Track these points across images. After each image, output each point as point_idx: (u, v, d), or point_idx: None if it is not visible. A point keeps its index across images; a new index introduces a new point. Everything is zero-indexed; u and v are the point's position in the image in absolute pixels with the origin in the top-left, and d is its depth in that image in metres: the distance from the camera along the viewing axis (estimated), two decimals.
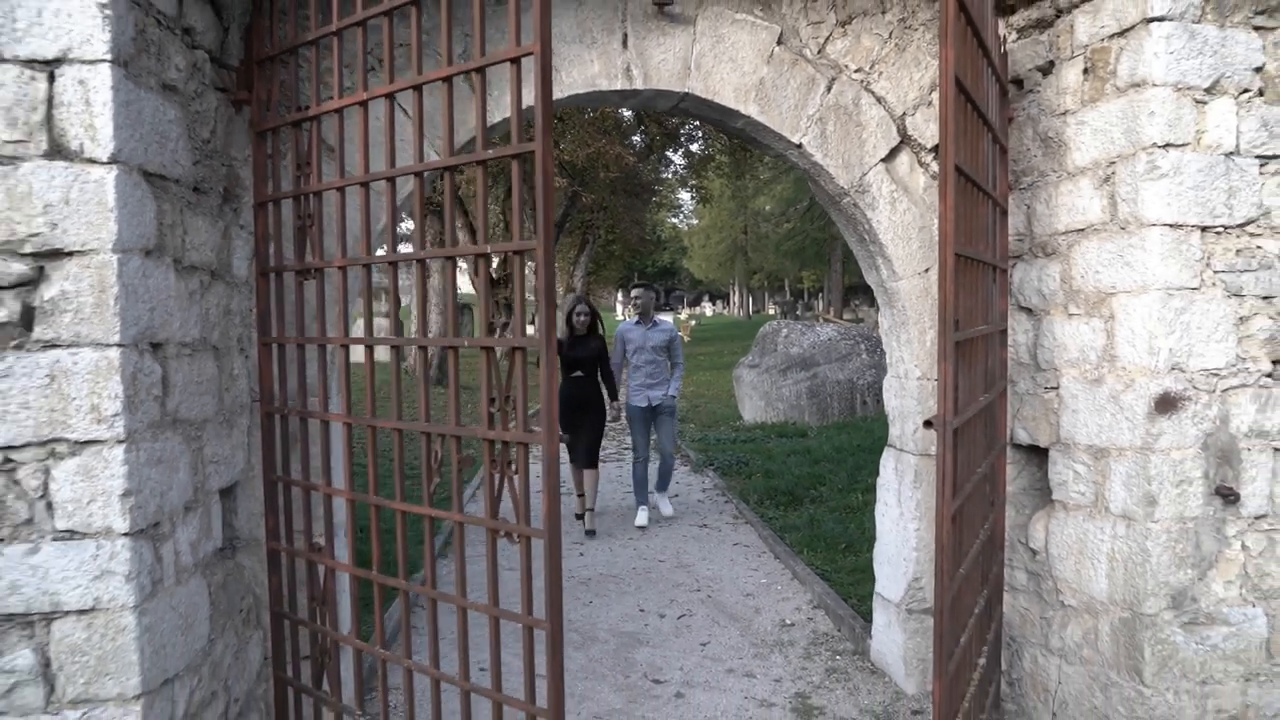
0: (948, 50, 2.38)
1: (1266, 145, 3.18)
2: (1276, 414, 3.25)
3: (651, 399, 7.20)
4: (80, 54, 2.34)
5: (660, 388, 7.22)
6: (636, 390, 7.22)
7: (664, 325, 7.36)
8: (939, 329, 2.56)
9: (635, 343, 7.24)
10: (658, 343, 7.24)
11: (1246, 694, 3.25)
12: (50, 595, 2.38)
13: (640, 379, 7.20)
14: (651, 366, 7.20)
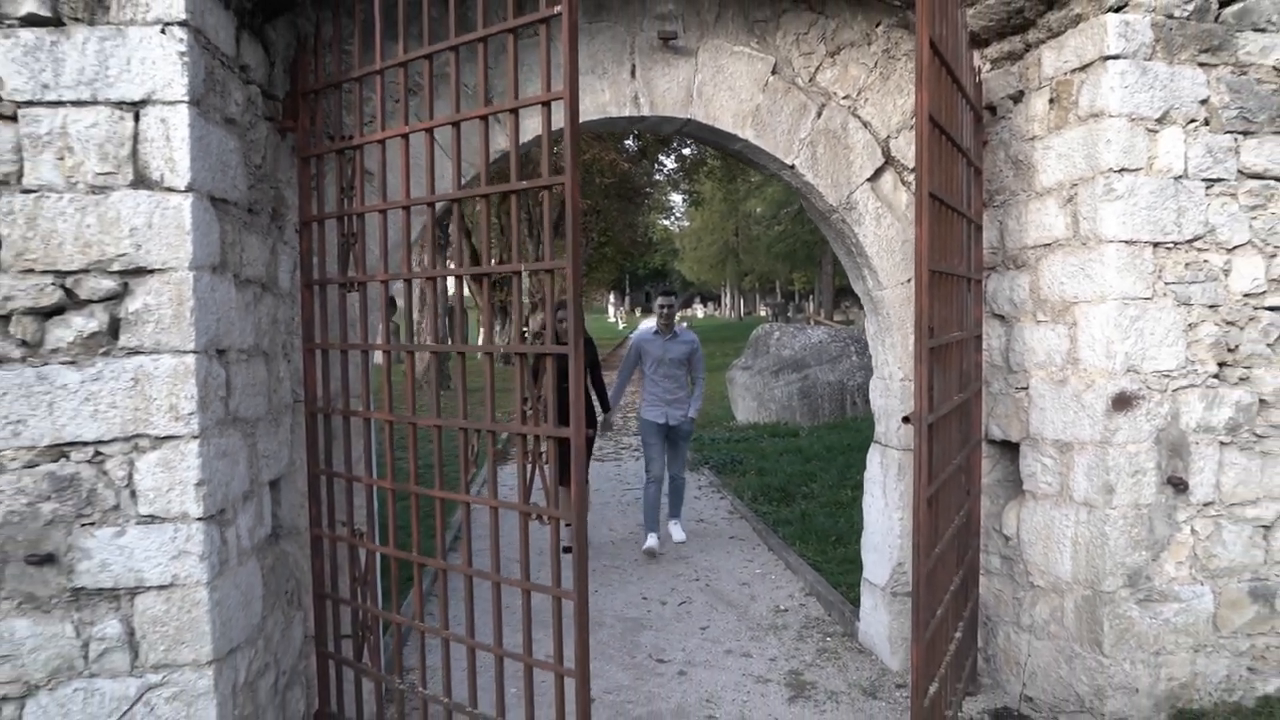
0: (923, 93, 2.73)
1: (1211, 170, 3.54)
2: (1222, 411, 3.60)
3: (670, 417, 6.49)
4: (162, 96, 2.66)
5: (679, 406, 6.51)
6: (652, 404, 6.52)
7: (685, 336, 6.66)
8: (915, 335, 2.90)
9: (653, 355, 6.49)
10: (678, 355, 6.53)
11: (1195, 664, 3.61)
12: (135, 572, 2.69)
13: (658, 392, 6.51)
14: (670, 382, 6.48)
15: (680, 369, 6.53)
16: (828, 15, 4.11)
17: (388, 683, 3.18)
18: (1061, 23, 3.63)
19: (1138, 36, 3.43)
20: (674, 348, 6.53)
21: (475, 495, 2.83)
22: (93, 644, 2.68)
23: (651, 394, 6.54)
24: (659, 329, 6.58)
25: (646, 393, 6.59)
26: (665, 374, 6.49)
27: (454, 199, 2.87)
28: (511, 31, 2.68)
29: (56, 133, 2.61)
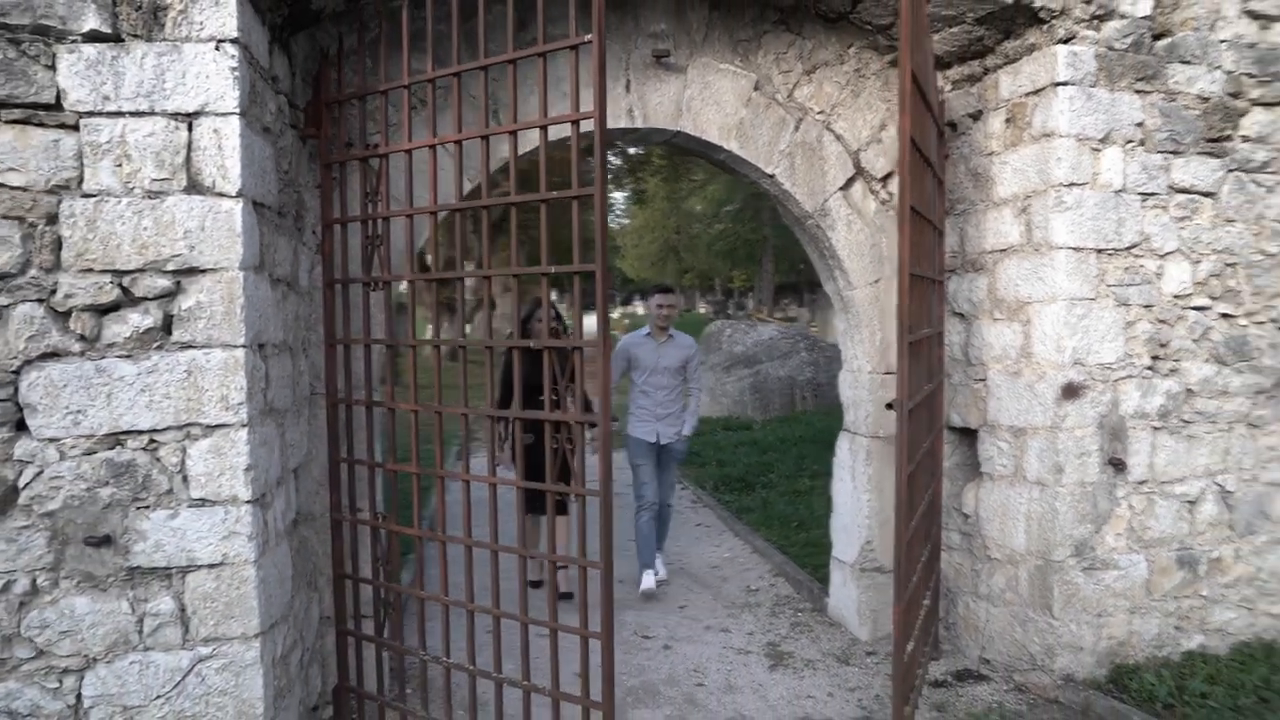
0: (906, 118, 3.07)
1: (1146, 185, 3.98)
2: (1154, 399, 4.05)
3: (661, 435, 5.59)
4: (215, 108, 2.85)
5: (672, 422, 5.61)
6: (642, 420, 5.61)
7: (682, 340, 5.73)
8: (898, 332, 3.25)
9: (645, 362, 5.57)
10: (674, 363, 5.62)
11: (1131, 624, 4.05)
12: (187, 552, 2.88)
13: (648, 405, 5.60)
14: (664, 393, 5.58)
15: (676, 378, 5.65)
16: (805, 37, 4.44)
17: (416, 654, 3.41)
18: (1017, 50, 4.03)
19: (1084, 65, 3.85)
20: (669, 353, 5.63)
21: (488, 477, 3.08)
22: (147, 619, 2.87)
23: (641, 407, 5.64)
24: (652, 331, 5.66)
25: (635, 405, 5.67)
26: (658, 384, 5.59)
27: (483, 206, 3.12)
28: (541, 55, 2.95)
29: (116, 141, 2.79)
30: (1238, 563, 4.25)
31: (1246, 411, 4.23)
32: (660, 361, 5.60)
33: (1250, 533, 4.27)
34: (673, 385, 5.65)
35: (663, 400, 5.61)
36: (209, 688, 2.92)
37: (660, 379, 5.60)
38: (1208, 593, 4.19)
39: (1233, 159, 4.12)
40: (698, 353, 5.84)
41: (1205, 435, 4.15)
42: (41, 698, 2.80)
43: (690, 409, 5.77)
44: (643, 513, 5.61)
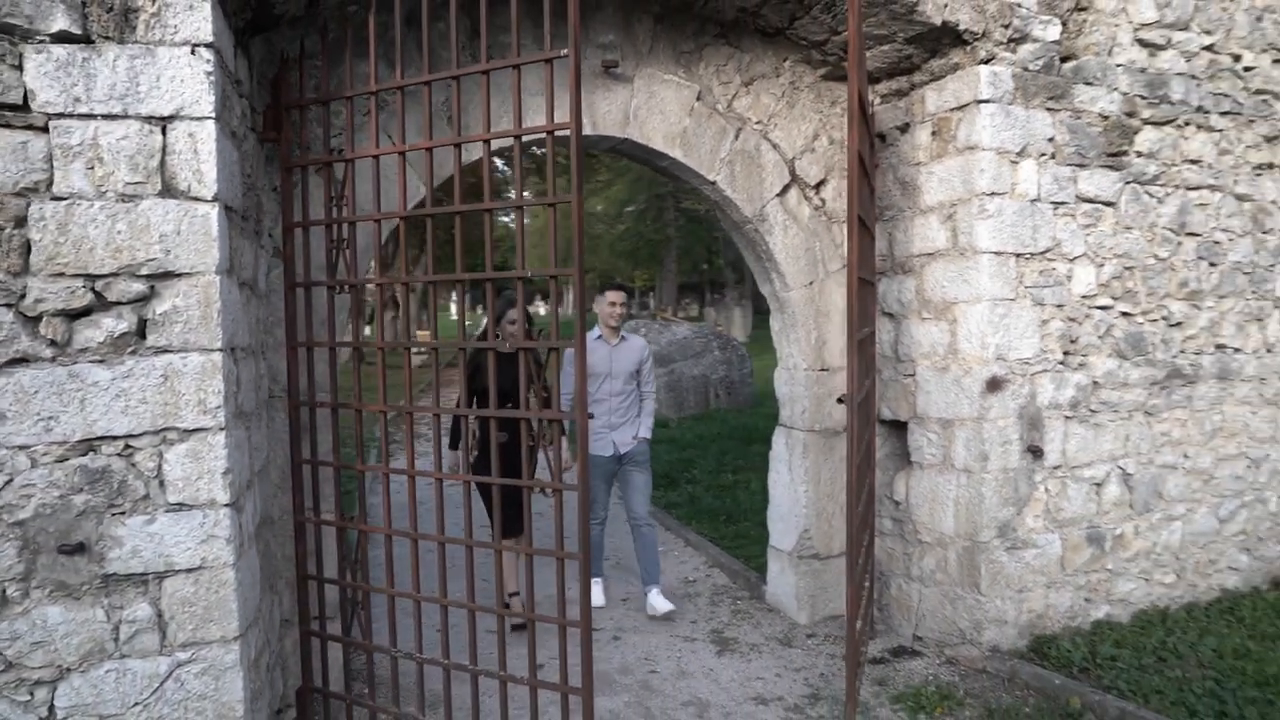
0: (854, 135, 3.31)
1: (1057, 195, 4.35)
2: (1066, 391, 4.42)
3: (618, 445, 5.19)
4: (191, 112, 2.85)
5: (627, 429, 5.23)
6: (596, 433, 5.18)
7: (634, 341, 5.37)
8: (848, 332, 3.48)
9: (598, 368, 5.11)
10: (629, 367, 5.23)
11: (1048, 597, 4.41)
12: (164, 557, 2.87)
13: (602, 415, 5.18)
14: (619, 399, 5.19)
15: (630, 383, 5.25)
16: (743, 50, 4.66)
17: (388, 651, 3.46)
18: (942, 69, 4.34)
19: (1003, 85, 4.18)
20: (623, 356, 5.24)
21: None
22: (123, 626, 2.84)
23: (595, 419, 5.16)
24: (603, 333, 5.22)
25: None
26: (612, 390, 5.18)
27: (456, 212, 3.20)
28: (516, 67, 3.05)
29: (88, 144, 2.76)
30: (1137, 538, 4.67)
31: (1143, 401, 4.65)
32: (615, 366, 5.20)
33: (1147, 511, 4.70)
34: (627, 391, 5.26)
35: (618, 407, 5.21)
36: (188, 692, 2.91)
37: (615, 385, 5.19)
38: (1112, 566, 4.60)
39: (1129, 172, 4.54)
40: (650, 354, 5.46)
41: (1109, 423, 4.55)
42: (10, 711, 2.75)
43: (645, 411, 5.35)
44: (593, 524, 5.30)
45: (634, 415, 5.29)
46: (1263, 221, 5.02)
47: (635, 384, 5.30)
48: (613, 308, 5.24)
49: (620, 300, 5.28)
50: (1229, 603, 4.83)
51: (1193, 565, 4.88)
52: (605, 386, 5.19)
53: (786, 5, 4.30)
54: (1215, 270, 4.85)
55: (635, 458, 5.28)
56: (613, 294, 5.31)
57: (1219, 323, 4.88)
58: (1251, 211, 4.97)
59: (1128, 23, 4.51)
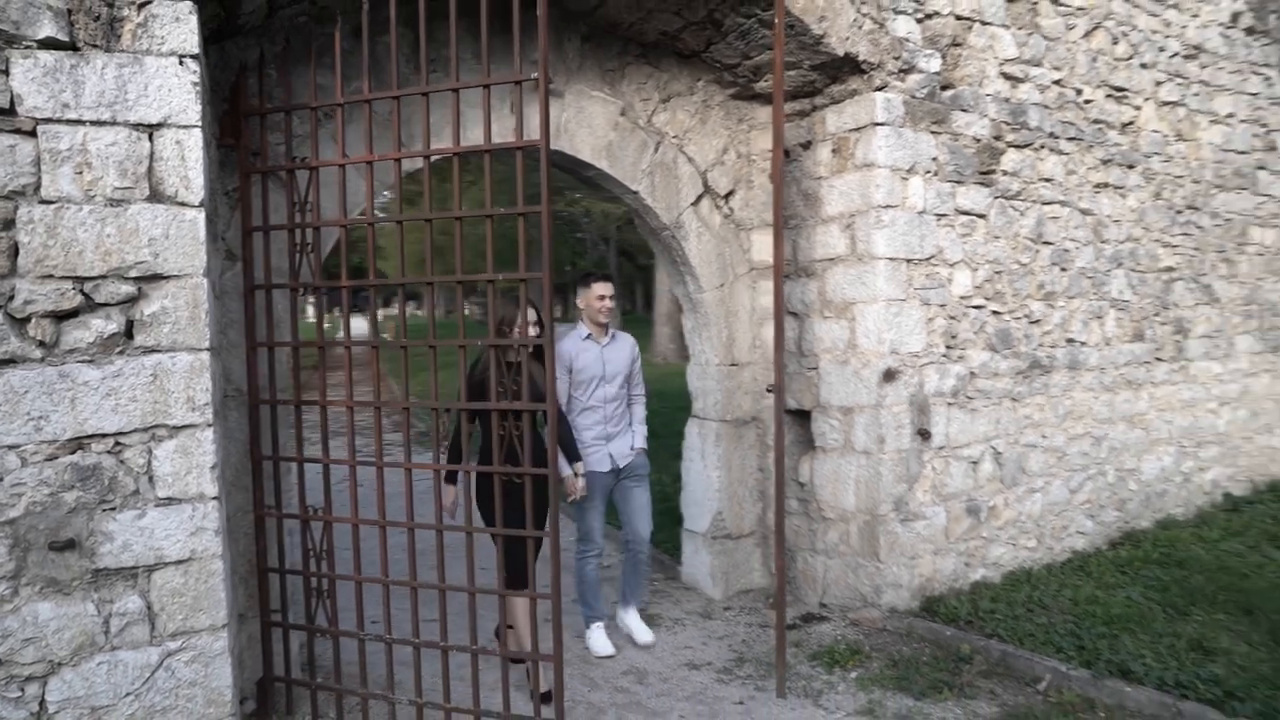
0: (779, 152, 3.73)
1: (940, 207, 4.94)
2: (949, 381, 5.03)
3: (616, 457, 4.63)
4: (178, 121, 2.97)
5: (622, 438, 4.68)
6: (592, 446, 4.60)
7: (623, 339, 4.79)
8: (775, 329, 3.91)
9: (589, 370, 4.56)
10: (621, 367, 4.67)
11: (935, 563, 5.01)
12: (155, 550, 2.97)
13: (596, 424, 4.60)
14: (614, 406, 4.63)
15: (622, 386, 4.69)
16: (661, 69, 5.03)
17: (356, 635, 3.63)
18: (842, 94, 4.86)
19: (896, 109, 4.73)
20: (615, 356, 4.67)
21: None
22: (114, 619, 2.93)
23: (589, 430, 4.60)
24: (592, 332, 4.64)
25: (580, 428, 4.58)
26: (606, 395, 4.61)
27: (428, 219, 3.42)
28: (486, 86, 3.31)
29: (77, 149, 2.84)
30: (1006, 509, 5.35)
31: (1010, 389, 5.33)
32: (608, 367, 4.61)
33: (1014, 485, 5.39)
34: (621, 396, 4.70)
35: (612, 415, 4.63)
36: (179, 680, 3.02)
37: (608, 389, 4.61)
38: (986, 534, 5.25)
39: (997, 188, 5.20)
40: (638, 352, 4.88)
41: (983, 408, 5.20)
42: (2, 708, 2.79)
43: (638, 417, 4.80)
44: (588, 559, 4.68)
45: (626, 424, 4.73)
46: (1101, 233, 5.83)
47: (627, 386, 4.75)
48: (601, 301, 4.59)
49: (610, 293, 4.63)
50: (1079, 561, 5.58)
51: (1050, 531, 5.61)
52: (599, 391, 4.58)
53: (704, 31, 4.70)
54: (1065, 274, 5.60)
55: (635, 471, 4.72)
56: (600, 285, 4.63)
57: (1069, 320, 5.65)
58: (1092, 224, 5.76)
59: (994, 58, 5.17)
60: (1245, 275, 7.09)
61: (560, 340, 4.48)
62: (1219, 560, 5.53)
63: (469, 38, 4.32)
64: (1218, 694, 3.80)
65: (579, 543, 4.74)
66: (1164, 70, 6.20)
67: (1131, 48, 5.94)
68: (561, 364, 4.51)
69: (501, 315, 3.89)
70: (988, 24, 5.13)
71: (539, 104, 3.24)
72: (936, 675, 4.15)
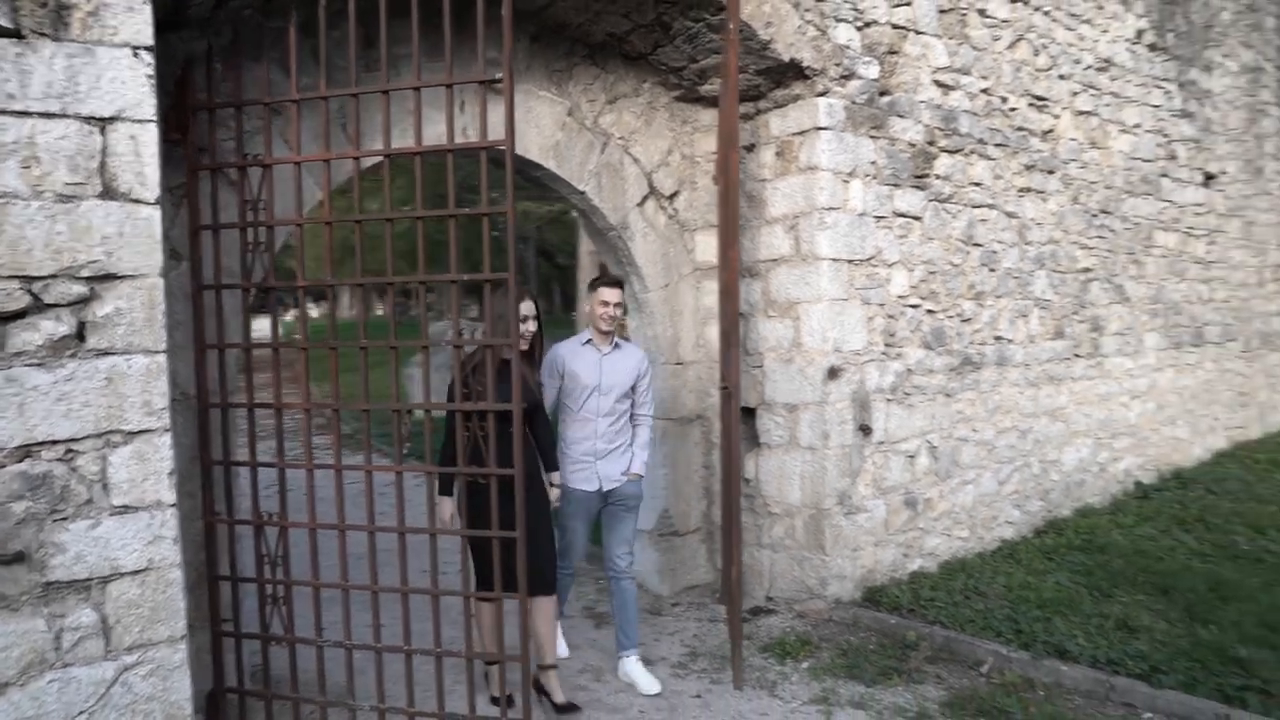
0: (734, 158, 3.81)
1: (879, 210, 5.10)
2: (888, 377, 5.20)
3: (604, 479, 4.23)
4: (132, 115, 2.87)
5: (616, 459, 4.27)
6: (578, 462, 4.23)
7: (630, 350, 4.36)
8: (731, 329, 3.98)
9: (584, 379, 4.20)
10: (623, 380, 4.25)
11: (876, 554, 5.17)
12: (110, 561, 2.86)
13: (586, 440, 4.23)
14: (609, 421, 4.23)
15: (624, 401, 4.28)
16: (608, 71, 5.06)
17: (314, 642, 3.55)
18: (785, 98, 4.97)
19: (837, 115, 4.87)
20: (617, 367, 4.25)
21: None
22: (65, 635, 2.80)
23: (577, 443, 4.25)
24: (593, 338, 4.27)
25: (568, 442, 4.28)
26: (601, 409, 4.22)
27: (389, 219, 3.38)
28: (449, 86, 3.29)
29: (23, 142, 2.71)
30: (941, 501, 5.56)
31: (944, 385, 5.54)
32: (605, 378, 4.21)
33: (948, 477, 5.60)
34: (619, 411, 4.27)
35: (605, 431, 4.23)
36: (136, 695, 2.91)
37: (605, 402, 4.21)
38: (923, 525, 5.45)
39: (931, 191, 5.40)
40: (649, 367, 4.42)
41: (919, 404, 5.39)
42: None
43: (640, 440, 4.35)
44: (561, 574, 4.29)
45: (625, 443, 4.31)
46: (1025, 235, 6.10)
47: (630, 402, 4.32)
48: (605, 307, 4.19)
49: (616, 299, 4.22)
50: (1008, 549, 5.84)
51: (981, 521, 5.85)
52: (591, 403, 4.21)
53: (652, 34, 4.76)
54: (994, 275, 5.85)
55: (624, 498, 4.31)
56: (608, 290, 4.22)
57: (997, 318, 5.90)
58: (1018, 227, 6.03)
59: (928, 66, 5.36)
60: (1152, 276, 7.52)
61: (556, 344, 4.34)
62: (1135, 545, 5.86)
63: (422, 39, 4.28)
64: (1144, 668, 4.05)
65: (561, 559, 4.28)
66: (1079, 81, 6.53)
67: (1051, 59, 6.24)
68: (551, 369, 4.25)
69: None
70: (921, 33, 5.32)
71: (504, 104, 3.24)
72: (885, 662, 4.29)
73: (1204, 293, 8.34)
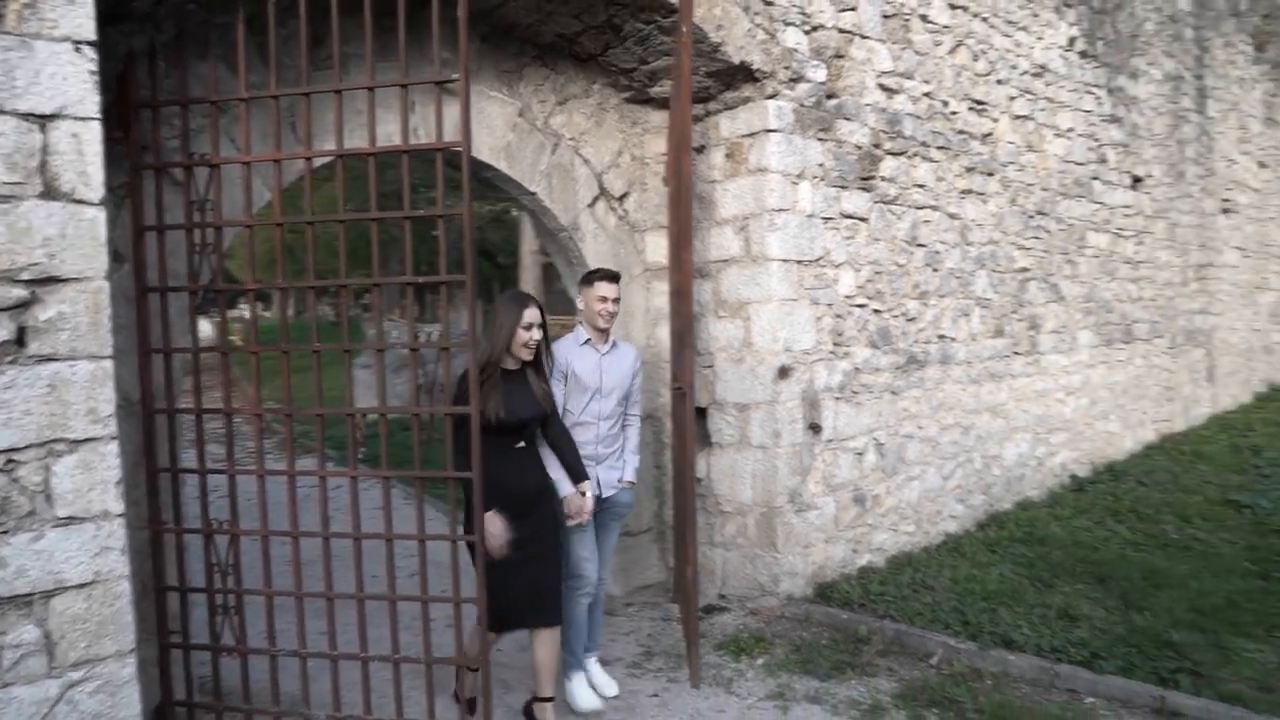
0: (686, 161, 3.83)
1: (827, 211, 5.18)
2: (836, 376, 5.28)
3: (603, 485, 4.03)
4: (74, 112, 2.78)
5: (613, 464, 4.09)
6: None
7: (625, 349, 4.19)
8: (685, 330, 4.01)
9: (586, 381, 4.00)
10: (621, 380, 4.09)
11: (827, 551, 5.25)
12: (54, 574, 2.77)
13: (587, 444, 4.00)
14: (608, 424, 4.06)
15: (623, 403, 4.12)
16: (558, 72, 5.05)
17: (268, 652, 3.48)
18: (735, 100, 5.02)
19: (786, 117, 4.93)
20: (616, 367, 4.08)
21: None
22: (6, 653, 2.70)
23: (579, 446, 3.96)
24: (591, 337, 4.06)
25: None
26: (601, 412, 4.03)
27: (339, 220, 3.32)
28: (404, 86, 3.25)
29: None
30: (888, 497, 5.67)
31: (890, 383, 5.65)
32: (606, 379, 4.03)
33: (895, 474, 5.72)
34: (619, 414, 4.11)
35: (605, 435, 4.05)
36: (82, 713, 2.82)
37: (605, 405, 4.03)
38: (871, 521, 5.55)
39: (877, 193, 5.50)
40: (641, 365, 4.26)
41: (867, 402, 5.49)
42: None
43: (630, 446, 4.18)
44: (580, 596, 3.99)
45: (620, 448, 4.13)
46: (967, 235, 6.26)
47: (625, 406, 4.15)
48: (604, 303, 3.99)
49: (615, 294, 4.03)
50: (953, 543, 5.98)
51: (926, 516, 5.98)
52: (593, 406, 4.02)
53: (603, 35, 4.76)
54: (937, 275, 5.99)
55: (617, 508, 4.13)
56: (606, 285, 4.01)
57: (940, 317, 6.04)
58: (959, 228, 6.18)
59: (873, 70, 5.46)
60: (1085, 275, 7.77)
61: (556, 343, 4.06)
62: (1073, 536, 6.06)
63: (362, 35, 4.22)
64: (1086, 655, 4.19)
65: (569, 577, 3.93)
66: (1016, 86, 6.72)
67: (989, 65, 6.41)
68: (558, 369, 3.98)
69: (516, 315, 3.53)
70: (866, 38, 5.42)
71: (460, 105, 3.22)
72: (838, 657, 4.37)
73: (1133, 291, 8.65)
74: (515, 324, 3.46)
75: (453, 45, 4.60)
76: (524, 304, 3.54)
